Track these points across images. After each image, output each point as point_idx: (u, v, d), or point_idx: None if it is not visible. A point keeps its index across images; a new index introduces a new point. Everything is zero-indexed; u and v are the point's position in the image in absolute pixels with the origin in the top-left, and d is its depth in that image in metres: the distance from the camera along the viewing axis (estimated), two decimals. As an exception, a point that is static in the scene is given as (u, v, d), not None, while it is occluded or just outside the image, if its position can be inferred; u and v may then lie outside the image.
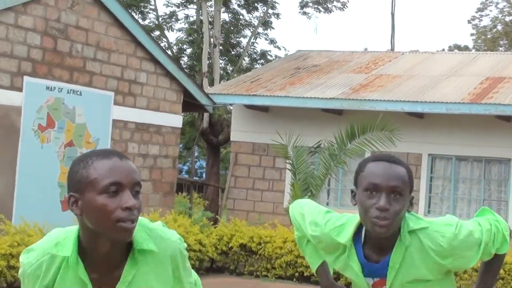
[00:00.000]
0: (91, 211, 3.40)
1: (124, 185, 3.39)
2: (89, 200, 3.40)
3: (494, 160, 22.96)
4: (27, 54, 18.51)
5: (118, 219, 3.34)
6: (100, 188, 3.37)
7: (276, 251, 19.33)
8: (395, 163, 4.20)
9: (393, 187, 4.03)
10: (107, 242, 3.46)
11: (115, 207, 3.35)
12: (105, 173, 3.39)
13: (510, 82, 23.57)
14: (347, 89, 24.40)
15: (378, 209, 4.00)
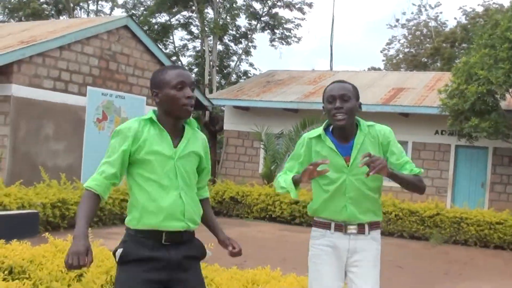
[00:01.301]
0: (166, 99, 3.88)
1: (186, 83, 3.88)
2: (165, 93, 3.88)
3: (397, 142, 23.14)
4: (89, 71, 18.74)
5: (184, 103, 3.86)
6: (172, 85, 3.87)
7: (253, 201, 19.55)
8: (343, 82, 4.55)
9: (342, 95, 4.39)
10: (173, 119, 3.94)
11: (181, 96, 3.85)
12: (175, 76, 3.88)
13: (408, 91, 23.78)
14: (301, 95, 24.52)
15: (336, 108, 4.36)
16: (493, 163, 21.66)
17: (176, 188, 3.85)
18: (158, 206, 3.80)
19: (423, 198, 20.31)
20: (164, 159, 3.85)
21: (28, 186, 15.13)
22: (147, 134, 3.87)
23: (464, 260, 14.47)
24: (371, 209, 4.54)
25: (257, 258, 11.19)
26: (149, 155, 3.85)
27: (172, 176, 3.86)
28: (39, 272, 5.63)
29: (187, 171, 3.93)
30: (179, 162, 3.89)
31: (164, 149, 3.86)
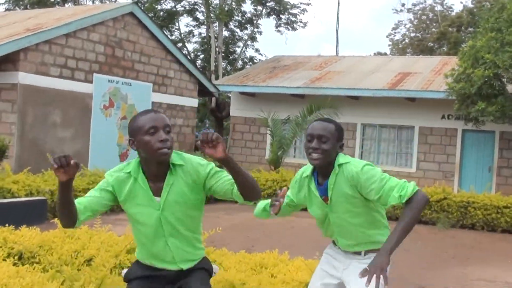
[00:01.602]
0: (141, 146, 3.84)
1: (158, 127, 3.82)
2: (139, 139, 3.84)
3: (403, 127, 23.14)
4: (96, 58, 18.78)
5: (158, 147, 3.80)
6: (144, 131, 3.82)
7: (260, 187, 19.49)
8: (326, 121, 4.47)
9: (319, 135, 4.30)
10: (155, 163, 3.89)
11: (155, 141, 3.80)
12: (146, 121, 3.84)
13: (414, 76, 23.76)
14: (307, 81, 24.53)
15: (311, 148, 4.30)
16: (500, 147, 21.66)
17: (162, 236, 3.98)
18: (148, 252, 4.06)
19: (430, 183, 20.34)
20: (148, 213, 3.96)
21: (36, 173, 15.20)
22: (132, 187, 3.97)
23: (471, 244, 14.49)
24: (367, 241, 4.48)
25: (265, 243, 11.25)
26: (133, 209, 4.00)
27: (158, 226, 3.96)
28: (49, 257, 5.68)
29: (176, 218, 3.97)
30: (164, 212, 3.95)
31: (147, 204, 3.96)
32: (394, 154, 23.31)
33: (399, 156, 23.28)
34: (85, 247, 6.13)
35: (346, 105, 22.59)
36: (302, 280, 5.59)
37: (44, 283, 4.78)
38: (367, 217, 4.43)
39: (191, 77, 23.05)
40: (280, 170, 20.16)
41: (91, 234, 6.69)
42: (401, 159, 23.31)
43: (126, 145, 19.71)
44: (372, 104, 23.11)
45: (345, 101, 22.67)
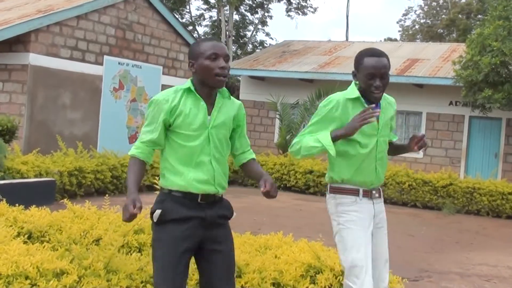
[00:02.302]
0: (200, 69, 4.05)
1: (219, 54, 4.04)
2: (200, 63, 4.04)
3: (411, 113, 23.15)
4: (106, 40, 18.84)
5: (217, 73, 4.01)
6: (206, 56, 4.03)
7: (269, 170, 19.60)
8: (381, 55, 4.57)
9: (383, 73, 4.49)
10: (208, 88, 4.11)
11: (215, 66, 4.01)
12: (209, 48, 4.05)
13: (423, 62, 23.78)
14: (316, 66, 24.57)
15: (375, 87, 4.47)
16: (507, 134, 21.69)
17: (208, 155, 4.09)
18: (191, 171, 4.07)
19: (436, 169, 20.39)
20: (199, 128, 4.07)
21: (45, 154, 15.29)
22: (183, 105, 4.07)
23: (476, 230, 14.56)
24: (385, 171, 4.88)
25: (272, 226, 11.33)
26: (185, 124, 4.07)
27: (205, 144, 4.08)
28: (59, 236, 5.78)
29: (220, 139, 4.15)
30: (212, 131, 4.10)
31: (199, 119, 4.07)
32: (402, 139, 23.29)
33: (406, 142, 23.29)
34: (93, 227, 6.23)
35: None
36: (305, 261, 5.69)
37: (54, 261, 4.87)
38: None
39: (200, 61, 23.04)
40: (288, 154, 20.23)
41: (100, 215, 6.78)
42: (408, 144, 23.31)
43: (135, 127, 19.80)
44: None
45: (354, 87, 22.69)
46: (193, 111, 4.07)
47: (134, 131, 19.81)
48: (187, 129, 4.06)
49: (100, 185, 15.33)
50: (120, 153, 16.56)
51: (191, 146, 4.06)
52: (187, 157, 4.08)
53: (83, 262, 5.04)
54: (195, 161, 4.07)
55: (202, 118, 4.07)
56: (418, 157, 22.83)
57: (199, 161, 4.06)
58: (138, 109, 19.97)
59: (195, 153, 4.07)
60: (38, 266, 4.73)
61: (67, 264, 4.89)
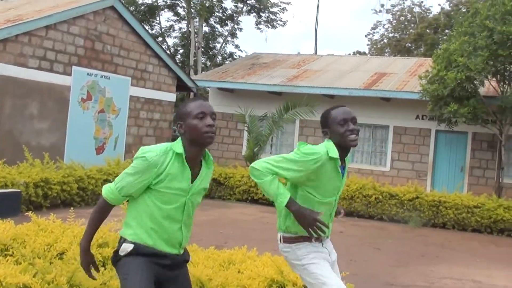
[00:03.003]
0: (189, 129, 4.08)
1: (206, 113, 4.10)
2: (188, 123, 4.09)
3: (378, 126, 23.26)
4: (75, 51, 18.75)
5: (205, 131, 4.05)
6: (194, 115, 4.08)
7: (236, 183, 19.65)
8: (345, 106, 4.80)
9: (353, 118, 4.67)
10: (197, 148, 4.12)
11: (202, 125, 4.05)
12: (196, 107, 4.11)
13: (390, 76, 23.94)
14: (285, 79, 24.62)
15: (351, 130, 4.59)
16: (472, 147, 21.87)
17: (179, 222, 4.15)
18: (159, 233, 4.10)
19: (403, 182, 20.52)
20: (179, 195, 4.11)
21: (11, 165, 15.15)
22: (170, 169, 4.09)
23: (441, 243, 14.65)
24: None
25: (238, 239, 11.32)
26: (167, 189, 4.09)
27: (180, 210, 4.14)
28: (22, 249, 5.72)
29: (194, 205, 4.23)
30: (190, 198, 4.16)
31: (182, 185, 4.11)
32: (369, 153, 23.44)
33: (373, 155, 23.42)
34: (58, 241, 6.18)
35: (323, 104, 22.46)
36: (268, 275, 5.69)
37: (17, 275, 4.83)
38: None
39: (169, 72, 23.05)
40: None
41: (64, 228, 6.73)
42: (375, 158, 23.45)
43: (102, 138, 19.71)
44: (348, 103, 22.96)
45: (322, 100, 22.72)
46: (178, 177, 4.10)
47: (102, 142, 19.71)
48: (167, 192, 4.09)
49: (66, 196, 15.21)
50: (87, 164, 16.47)
51: (166, 209, 4.10)
52: (160, 219, 4.10)
53: (46, 276, 4.99)
54: (167, 225, 4.11)
55: (185, 185, 4.12)
56: (385, 170, 22.95)
57: (170, 226, 4.11)
58: (106, 120, 19.87)
59: (168, 218, 4.11)
60: (1, 280, 4.69)
61: (30, 279, 4.85)
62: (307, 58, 29.20)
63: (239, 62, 30.40)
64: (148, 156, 4.06)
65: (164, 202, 4.08)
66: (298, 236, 4.69)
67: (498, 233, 16.73)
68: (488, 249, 14.44)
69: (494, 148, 21.26)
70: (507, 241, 15.96)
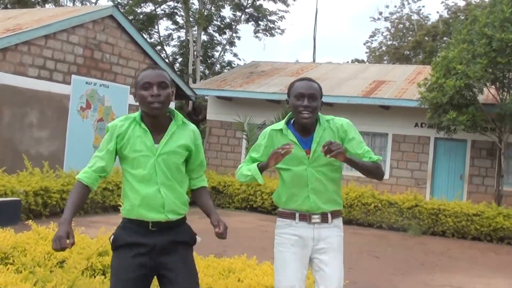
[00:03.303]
0: (139, 99, 4.14)
1: (152, 83, 4.08)
2: (137, 93, 4.14)
3: (377, 134, 23.27)
4: (74, 60, 18.78)
5: (149, 101, 4.07)
6: (140, 85, 4.11)
7: (235, 191, 19.71)
8: (311, 80, 4.71)
9: (310, 94, 4.57)
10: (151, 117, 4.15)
11: (147, 95, 4.07)
12: (142, 77, 4.13)
13: (389, 84, 23.95)
14: (283, 87, 24.61)
15: (303, 106, 4.53)
16: (472, 155, 21.87)
17: (155, 183, 4.11)
18: (139, 199, 4.10)
19: (402, 190, 20.51)
20: (145, 157, 4.12)
21: (11, 173, 15.17)
22: (131, 133, 4.16)
23: (441, 251, 14.66)
24: (332, 198, 4.73)
25: (238, 248, 11.32)
26: (131, 153, 4.15)
27: (152, 172, 4.11)
28: (23, 258, 5.73)
29: (169, 167, 4.16)
30: (160, 159, 4.13)
31: (145, 147, 4.13)
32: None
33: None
34: (58, 249, 6.18)
35: (321, 112, 22.59)
36: (268, 284, 5.69)
37: (17, 283, 4.84)
38: (340, 173, 4.78)
39: (168, 81, 23.03)
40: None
41: (64, 236, 6.72)
42: (374, 166, 23.40)
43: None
44: (346, 111, 23.20)
45: (321, 108, 22.77)
46: (139, 139, 4.15)
47: (101, 151, 19.69)
48: (134, 156, 4.14)
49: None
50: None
51: (138, 174, 4.13)
52: (136, 185, 4.13)
53: (46, 285, 5.02)
54: (143, 189, 4.11)
55: (149, 146, 4.13)
56: (384, 178, 22.93)
57: (147, 189, 4.10)
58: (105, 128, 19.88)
59: (143, 181, 4.12)
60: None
61: (31, 287, 4.86)
62: (306, 66, 29.23)
63: (237, 70, 30.42)
64: (109, 124, 4.25)
65: (134, 166, 4.14)
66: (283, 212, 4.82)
67: (498, 241, 16.75)
68: (488, 257, 14.44)
69: (494, 156, 21.26)
70: (507, 249, 15.97)
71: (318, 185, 4.65)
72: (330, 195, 4.71)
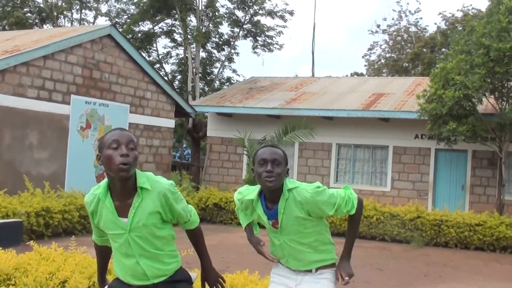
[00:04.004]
0: (105, 160, 3.90)
1: (120, 142, 3.89)
2: (104, 154, 3.90)
3: (378, 147, 23.29)
4: (73, 80, 18.82)
5: (118, 162, 3.82)
6: (107, 145, 3.90)
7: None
8: (274, 147, 4.60)
9: (273, 159, 4.42)
10: (118, 181, 3.90)
11: (116, 155, 3.85)
12: (110, 137, 3.93)
13: (388, 96, 23.99)
14: (283, 102, 24.68)
15: (266, 172, 4.39)
16: (473, 165, 21.88)
17: (133, 256, 4.04)
18: (122, 269, 4.13)
19: (404, 202, 20.50)
20: (117, 234, 4.04)
21: (12, 194, 15.19)
22: (100, 210, 4.06)
23: (444, 262, 14.64)
24: (315, 260, 4.66)
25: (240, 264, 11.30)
26: (105, 229, 4.11)
27: (127, 246, 4.03)
28: (25, 279, 5.74)
29: (143, 238, 4.02)
30: (132, 233, 4.00)
31: (114, 225, 4.02)
32: (369, 173, 23.45)
33: (373, 176, 23.43)
34: (60, 269, 6.18)
35: (321, 126, 22.71)
36: (270, 299, 5.69)
37: (19, 304, 4.85)
38: (317, 236, 4.63)
39: (168, 98, 23.12)
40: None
41: (66, 256, 6.74)
42: (375, 178, 23.46)
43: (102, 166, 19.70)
44: (346, 125, 23.27)
45: (320, 122, 22.81)
46: (108, 217, 4.03)
47: (102, 170, 19.66)
48: (108, 233, 4.11)
49: (68, 225, 15.25)
50: (88, 192, 16.46)
51: (116, 246, 4.10)
52: (118, 256, 4.12)
53: (48, 305, 5.01)
54: (124, 261, 4.08)
55: (118, 225, 4.01)
56: (386, 190, 22.95)
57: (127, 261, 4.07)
58: (106, 147, 19.89)
59: (121, 254, 4.09)
60: (4, 310, 4.71)
61: (32, 308, 4.86)
62: (305, 81, 29.28)
63: (236, 86, 30.49)
64: (85, 198, 4.18)
65: (112, 240, 4.11)
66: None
67: (501, 251, 16.74)
68: (491, 267, 14.42)
69: (495, 166, 21.26)
70: (510, 258, 15.95)
71: (293, 252, 4.63)
72: (312, 257, 4.66)
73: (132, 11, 38.91)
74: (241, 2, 36.34)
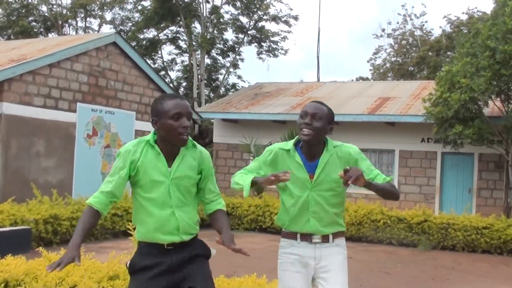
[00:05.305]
0: (163, 128, 4.15)
1: (182, 114, 4.14)
2: (163, 122, 4.13)
3: (384, 151, 23.31)
4: (79, 88, 18.92)
5: (179, 133, 4.12)
6: (169, 115, 4.11)
7: (244, 213, 19.74)
8: (320, 103, 4.81)
9: (314, 113, 4.62)
10: (170, 145, 4.20)
11: (178, 126, 4.10)
12: (172, 107, 4.13)
13: (394, 100, 24.02)
14: (288, 107, 24.72)
15: (304, 124, 4.58)
16: (479, 168, 21.88)
17: (170, 206, 4.17)
18: (154, 222, 4.17)
19: (411, 205, 20.51)
20: (159, 181, 4.18)
21: (20, 202, 15.25)
22: (144, 158, 4.21)
23: (452, 265, 14.65)
24: (333, 222, 4.75)
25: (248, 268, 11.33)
26: (145, 177, 4.20)
27: (166, 196, 4.17)
28: (35, 284, 5.81)
29: (181, 190, 4.23)
30: (173, 183, 4.19)
31: (158, 172, 4.18)
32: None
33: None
34: (69, 274, 6.25)
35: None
36: (278, 302, 5.73)
37: (30, 309, 4.91)
38: (342, 198, 4.79)
39: (173, 105, 23.11)
40: (263, 196, 20.30)
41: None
42: (382, 182, 23.40)
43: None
44: (352, 129, 23.28)
45: (326, 126, 22.83)
46: (153, 163, 4.19)
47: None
48: (148, 180, 4.18)
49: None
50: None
51: (152, 197, 4.18)
52: (150, 209, 4.18)
53: (59, 309, 5.07)
54: (158, 213, 4.16)
55: (162, 170, 4.18)
56: (393, 194, 22.92)
57: (162, 212, 4.16)
58: (112, 155, 19.98)
59: (157, 205, 4.17)
60: (15, 315, 4.77)
61: (43, 312, 4.93)
62: (310, 86, 29.32)
63: (242, 92, 30.54)
64: (122, 149, 4.27)
65: (148, 191, 4.18)
66: (285, 232, 4.84)
67: (509, 254, 16.73)
68: (499, 270, 14.43)
69: (501, 168, 21.27)
70: (517, 261, 15.96)
71: (318, 209, 4.68)
72: (331, 218, 4.73)
73: (137, 18, 39.09)
74: (245, 8, 36.46)
